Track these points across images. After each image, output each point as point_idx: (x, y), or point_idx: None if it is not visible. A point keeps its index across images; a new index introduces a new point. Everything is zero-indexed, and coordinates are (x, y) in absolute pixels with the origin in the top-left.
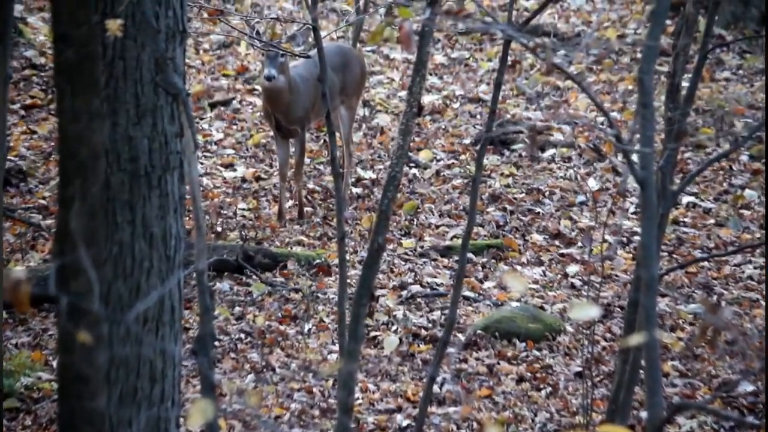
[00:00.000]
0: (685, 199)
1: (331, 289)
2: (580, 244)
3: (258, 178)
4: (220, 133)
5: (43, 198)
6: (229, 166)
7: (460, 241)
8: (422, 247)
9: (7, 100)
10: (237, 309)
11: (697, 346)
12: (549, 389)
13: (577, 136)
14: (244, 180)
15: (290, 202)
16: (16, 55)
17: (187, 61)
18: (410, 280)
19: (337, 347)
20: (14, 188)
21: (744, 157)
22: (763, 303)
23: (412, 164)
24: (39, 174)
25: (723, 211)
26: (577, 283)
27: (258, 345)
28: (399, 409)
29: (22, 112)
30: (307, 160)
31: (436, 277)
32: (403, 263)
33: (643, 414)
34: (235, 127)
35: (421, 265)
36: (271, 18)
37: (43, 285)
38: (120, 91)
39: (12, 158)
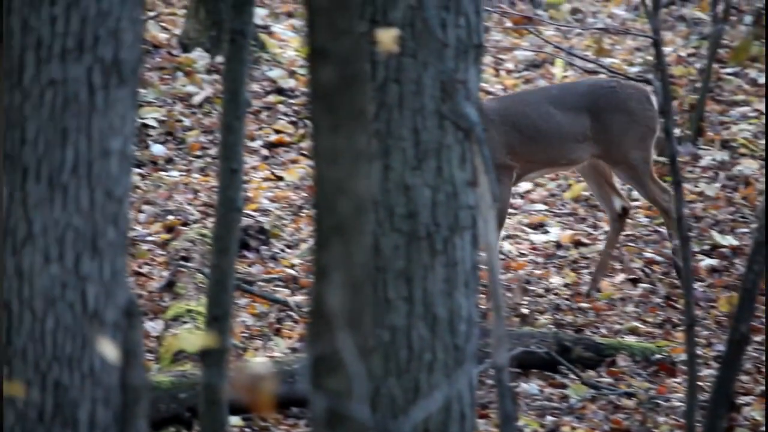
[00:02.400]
0: None
1: (677, 395)
2: None
3: (577, 244)
4: (526, 182)
5: (292, 266)
6: (539, 226)
7: None
8: None
9: (243, 136)
10: (549, 419)
11: None
12: None
13: None
14: (558, 245)
15: (620, 275)
16: (256, 76)
17: (483, 85)
18: None
19: None
20: (254, 253)
21: None
22: None
23: None
24: (286, 234)
25: None
26: None
27: None
28: None
29: (265, 152)
30: (644, 220)
31: None
32: None
33: None
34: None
35: None
36: (597, 29)
37: (292, 382)
38: (394, 125)
39: (251, 213)
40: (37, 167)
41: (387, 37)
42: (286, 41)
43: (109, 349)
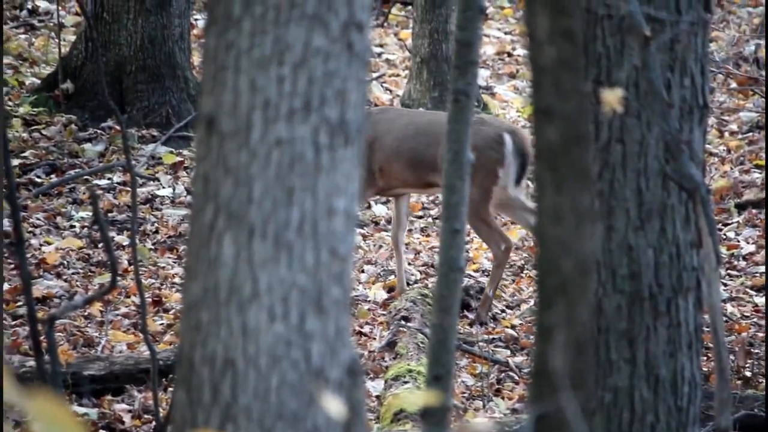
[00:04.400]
0: None
1: None
2: None
3: None
4: (750, 244)
5: (512, 327)
6: (762, 288)
7: None
8: None
9: (466, 196)
10: None
11: None
12: None
13: None
14: None
15: None
16: None
17: (707, 146)
18: None
19: None
20: (474, 313)
21: None
22: None
23: None
24: (506, 295)
25: None
26: None
27: None
28: None
29: None
30: None
31: None
32: None
33: None
34: None
35: None
36: None
37: None
38: (617, 185)
39: (472, 273)
40: (263, 226)
41: (612, 98)
42: (508, 102)
43: (334, 407)
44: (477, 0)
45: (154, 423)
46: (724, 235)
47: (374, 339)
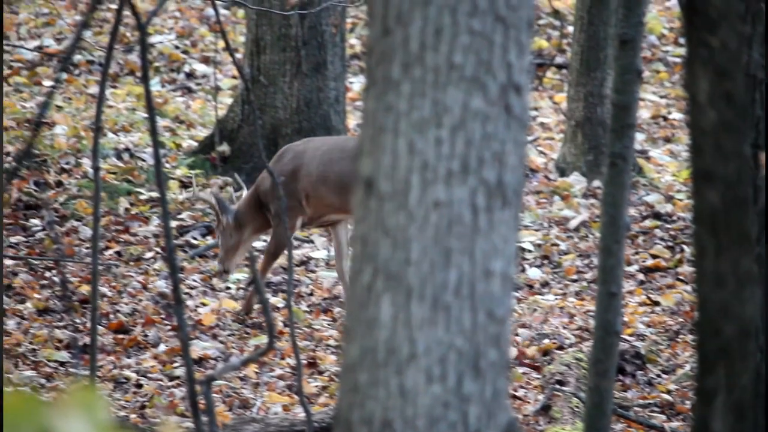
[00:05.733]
0: None
1: None
2: None
3: None
4: None
5: (668, 392)
6: None
7: None
8: None
9: (622, 259)
10: None
11: None
12: None
13: None
14: None
15: None
16: (633, 200)
17: None
18: None
19: None
20: (629, 377)
21: None
22: None
23: None
24: (662, 360)
25: None
26: None
27: None
28: None
29: (641, 276)
30: None
31: None
32: None
33: None
34: None
35: None
36: None
37: None
38: None
39: (627, 337)
40: (421, 288)
41: None
42: (663, 166)
43: None
44: (635, 63)
45: None
46: None
47: (529, 402)
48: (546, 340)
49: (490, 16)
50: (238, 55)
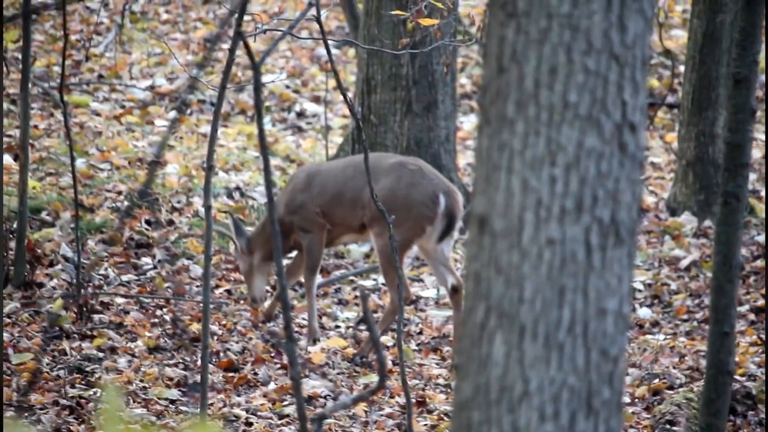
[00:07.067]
0: None
1: None
2: None
3: None
4: None
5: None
6: None
7: None
8: None
9: (735, 299)
10: None
11: None
12: None
13: None
14: None
15: None
16: (744, 240)
17: None
18: None
19: None
20: (740, 418)
21: None
22: None
23: None
24: None
25: None
26: None
27: None
28: None
29: (752, 317)
30: None
31: None
32: None
33: None
34: None
35: None
36: None
37: None
38: None
39: (737, 378)
40: (534, 326)
41: None
42: None
43: None
44: (748, 102)
45: None
46: None
47: None
48: (656, 380)
49: (605, 54)
50: (349, 94)
